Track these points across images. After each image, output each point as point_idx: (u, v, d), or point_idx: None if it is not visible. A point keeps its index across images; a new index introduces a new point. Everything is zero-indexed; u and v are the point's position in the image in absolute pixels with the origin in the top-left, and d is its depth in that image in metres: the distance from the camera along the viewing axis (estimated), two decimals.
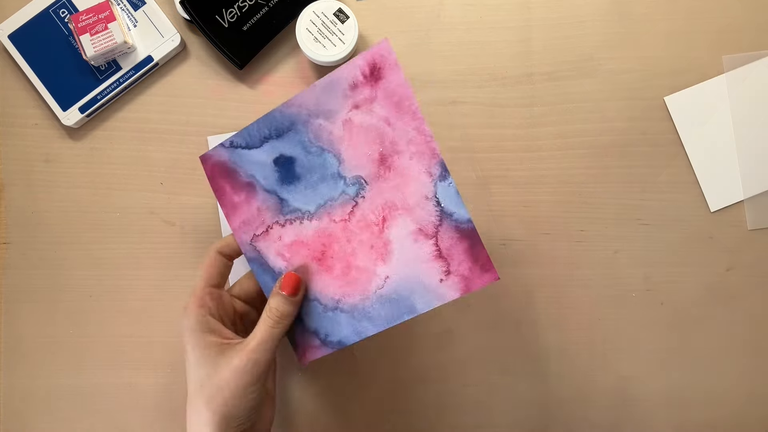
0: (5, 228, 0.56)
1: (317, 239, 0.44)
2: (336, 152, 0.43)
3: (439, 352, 0.55)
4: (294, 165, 0.44)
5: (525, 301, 0.55)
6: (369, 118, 0.41)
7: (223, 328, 0.43)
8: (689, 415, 0.54)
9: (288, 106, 0.43)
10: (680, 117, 0.54)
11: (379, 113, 0.41)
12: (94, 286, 0.56)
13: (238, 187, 0.45)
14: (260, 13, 0.53)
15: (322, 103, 0.42)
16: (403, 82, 0.40)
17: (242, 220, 0.45)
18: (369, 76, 0.41)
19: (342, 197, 0.43)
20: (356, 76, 0.41)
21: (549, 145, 0.54)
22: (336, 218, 0.44)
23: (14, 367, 0.56)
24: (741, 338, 0.54)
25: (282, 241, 0.45)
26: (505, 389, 0.55)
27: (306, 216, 0.44)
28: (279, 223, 0.45)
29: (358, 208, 0.43)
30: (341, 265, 0.44)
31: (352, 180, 0.43)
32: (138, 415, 0.55)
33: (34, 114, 0.56)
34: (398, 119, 0.41)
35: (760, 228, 0.54)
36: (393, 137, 0.41)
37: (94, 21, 0.53)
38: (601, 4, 0.55)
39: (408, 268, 0.43)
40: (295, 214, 0.44)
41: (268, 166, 0.44)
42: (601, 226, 0.54)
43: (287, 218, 0.44)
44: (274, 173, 0.44)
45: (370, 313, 0.44)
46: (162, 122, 0.56)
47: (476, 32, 0.55)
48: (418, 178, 0.41)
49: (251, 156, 0.44)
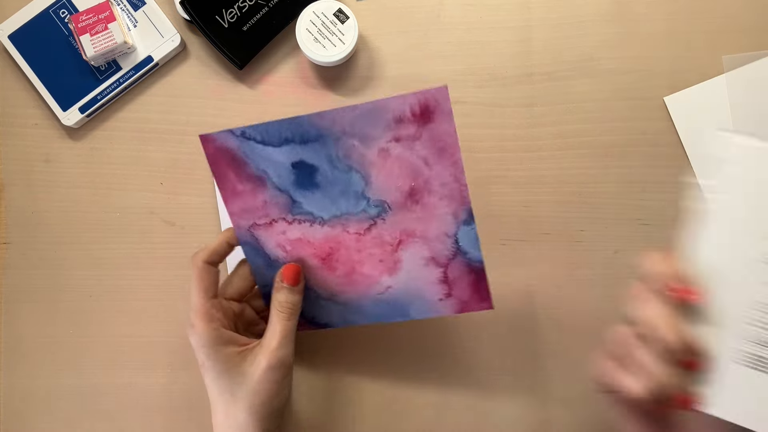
0: (5, 228, 0.56)
1: (325, 242, 0.44)
2: (365, 174, 0.42)
3: (439, 352, 0.55)
4: (315, 173, 0.42)
5: (525, 301, 0.55)
6: (408, 153, 0.41)
7: (238, 337, 0.44)
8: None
9: (319, 118, 0.41)
10: (680, 117, 0.54)
11: (420, 152, 0.41)
12: (94, 286, 0.56)
13: (245, 177, 0.43)
14: (260, 14, 0.53)
15: (360, 126, 0.40)
16: (452, 132, 0.40)
17: (242, 207, 0.44)
18: (418, 116, 0.40)
19: (362, 214, 0.43)
20: (404, 111, 0.40)
21: (549, 145, 0.54)
22: (350, 230, 0.43)
23: (14, 367, 0.56)
24: None
25: (285, 235, 0.44)
26: (505, 389, 0.55)
27: (318, 221, 0.43)
28: (286, 220, 0.44)
29: (376, 228, 0.43)
30: (345, 268, 0.44)
31: (375, 202, 0.42)
32: (138, 415, 0.55)
33: (34, 114, 0.56)
34: (437, 163, 0.41)
35: None
36: (428, 177, 0.41)
37: (94, 21, 0.53)
38: (601, 4, 0.55)
39: (412, 283, 0.44)
40: (305, 216, 0.43)
41: (285, 167, 0.42)
42: (601, 226, 0.54)
43: (296, 218, 0.44)
44: (291, 175, 0.43)
45: (363, 310, 0.44)
46: (162, 122, 0.56)
47: (476, 32, 0.55)
48: (443, 218, 0.42)
49: (266, 152, 0.42)
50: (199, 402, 0.55)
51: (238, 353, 0.43)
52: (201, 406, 0.55)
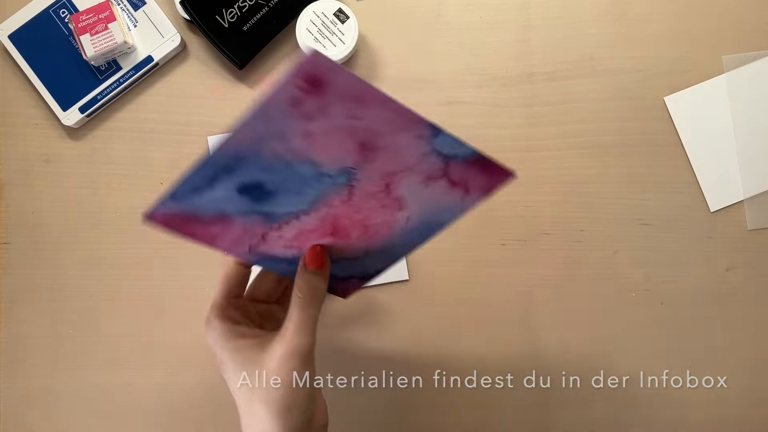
0: (5, 228, 0.56)
1: (323, 222, 0.41)
2: (306, 160, 0.38)
3: (439, 352, 0.55)
4: (264, 185, 0.39)
5: (525, 301, 0.55)
6: (329, 121, 0.36)
7: (254, 330, 0.42)
8: (689, 415, 0.54)
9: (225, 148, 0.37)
10: (680, 117, 0.54)
11: (340, 114, 0.36)
12: (94, 286, 0.56)
13: (209, 223, 0.40)
14: (260, 13, 0.53)
15: (265, 130, 0.36)
16: (353, 81, 0.35)
17: (230, 242, 0.41)
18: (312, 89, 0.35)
19: (333, 188, 0.40)
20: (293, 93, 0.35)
21: (549, 145, 0.54)
22: (335, 203, 0.40)
23: (14, 367, 0.56)
24: (741, 338, 0.54)
25: (284, 238, 0.42)
26: (505, 389, 0.55)
27: (302, 212, 0.41)
28: (273, 229, 0.41)
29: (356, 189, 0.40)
30: (357, 230, 0.42)
31: (337, 172, 0.39)
32: (138, 415, 0.55)
33: (34, 114, 0.56)
34: (364, 111, 0.36)
35: (760, 228, 0.54)
36: (365, 126, 0.37)
37: (94, 21, 0.53)
38: (601, 4, 0.55)
39: (426, 204, 0.41)
40: (287, 217, 0.41)
41: (234, 196, 0.39)
42: (601, 226, 0.54)
43: (280, 222, 0.41)
44: (244, 199, 0.39)
45: (401, 242, 0.43)
46: (162, 122, 0.56)
47: (476, 32, 0.55)
48: (409, 146, 0.38)
49: (206, 197, 0.39)
50: (198, 402, 0.55)
51: (254, 343, 0.40)
52: (201, 406, 0.55)
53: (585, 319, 0.54)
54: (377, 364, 0.55)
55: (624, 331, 0.54)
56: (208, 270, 0.55)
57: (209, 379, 0.55)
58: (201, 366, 0.55)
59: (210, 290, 0.55)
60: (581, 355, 0.54)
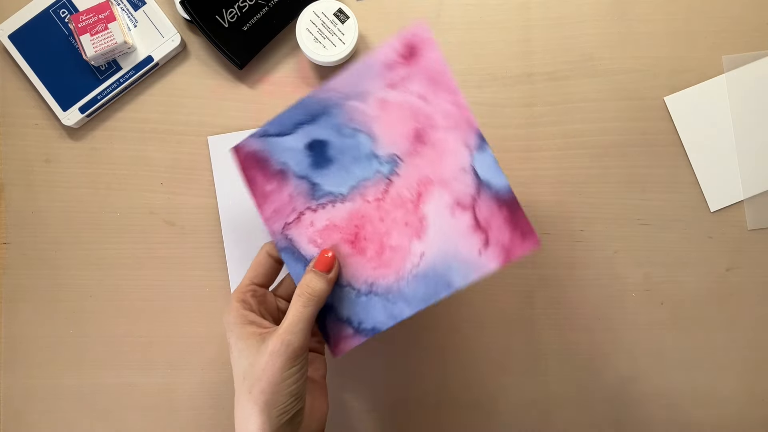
0: (5, 228, 0.56)
1: (350, 221, 0.44)
2: (369, 132, 0.43)
3: (440, 352, 0.55)
4: (327, 148, 0.44)
5: (525, 301, 0.55)
6: (404, 96, 0.42)
7: (263, 321, 0.43)
8: (689, 415, 0.54)
9: (321, 92, 0.43)
10: (680, 117, 0.54)
11: (415, 90, 0.41)
12: (94, 286, 0.56)
13: (270, 175, 0.45)
14: (260, 13, 0.53)
15: (356, 86, 0.42)
16: (439, 59, 0.41)
17: (273, 209, 0.45)
18: (407, 56, 0.41)
19: (376, 176, 0.43)
20: (391, 56, 0.41)
21: (549, 145, 0.54)
22: (369, 198, 0.44)
23: (14, 367, 0.56)
24: (741, 338, 0.54)
25: (314, 227, 0.45)
26: (505, 389, 0.55)
27: (339, 199, 0.44)
28: (311, 209, 0.45)
29: (393, 186, 0.43)
30: (375, 246, 0.44)
31: (386, 158, 0.43)
32: (138, 415, 0.55)
33: (34, 114, 0.56)
34: (434, 95, 0.41)
35: (760, 228, 0.54)
36: (428, 112, 0.41)
37: (94, 21, 0.53)
38: (601, 4, 0.55)
39: (444, 243, 0.42)
40: (327, 198, 0.44)
41: (301, 151, 0.44)
42: (601, 226, 0.54)
43: (319, 203, 0.44)
44: (307, 158, 0.44)
45: (405, 294, 0.43)
46: (162, 122, 0.56)
47: (476, 32, 0.55)
48: (454, 151, 0.42)
49: (284, 143, 0.44)
50: (198, 402, 0.55)
51: (258, 334, 0.41)
52: (201, 406, 0.55)
53: (585, 319, 0.54)
54: (377, 364, 0.55)
55: (624, 331, 0.54)
56: (209, 270, 0.55)
57: (209, 379, 0.55)
58: (201, 366, 0.55)
59: (210, 290, 0.55)
60: (581, 355, 0.54)
